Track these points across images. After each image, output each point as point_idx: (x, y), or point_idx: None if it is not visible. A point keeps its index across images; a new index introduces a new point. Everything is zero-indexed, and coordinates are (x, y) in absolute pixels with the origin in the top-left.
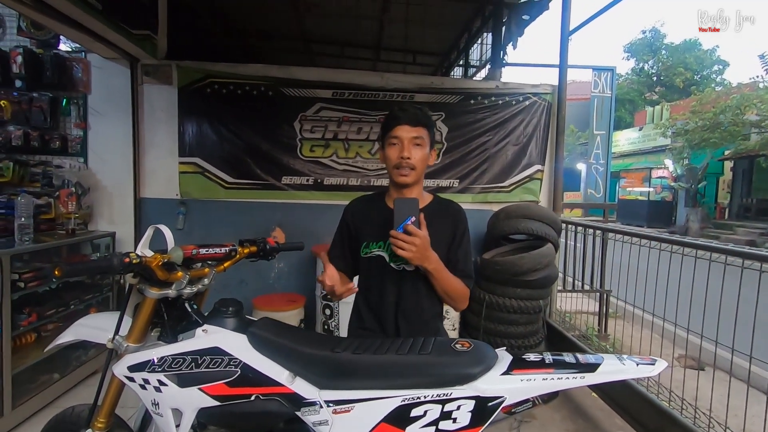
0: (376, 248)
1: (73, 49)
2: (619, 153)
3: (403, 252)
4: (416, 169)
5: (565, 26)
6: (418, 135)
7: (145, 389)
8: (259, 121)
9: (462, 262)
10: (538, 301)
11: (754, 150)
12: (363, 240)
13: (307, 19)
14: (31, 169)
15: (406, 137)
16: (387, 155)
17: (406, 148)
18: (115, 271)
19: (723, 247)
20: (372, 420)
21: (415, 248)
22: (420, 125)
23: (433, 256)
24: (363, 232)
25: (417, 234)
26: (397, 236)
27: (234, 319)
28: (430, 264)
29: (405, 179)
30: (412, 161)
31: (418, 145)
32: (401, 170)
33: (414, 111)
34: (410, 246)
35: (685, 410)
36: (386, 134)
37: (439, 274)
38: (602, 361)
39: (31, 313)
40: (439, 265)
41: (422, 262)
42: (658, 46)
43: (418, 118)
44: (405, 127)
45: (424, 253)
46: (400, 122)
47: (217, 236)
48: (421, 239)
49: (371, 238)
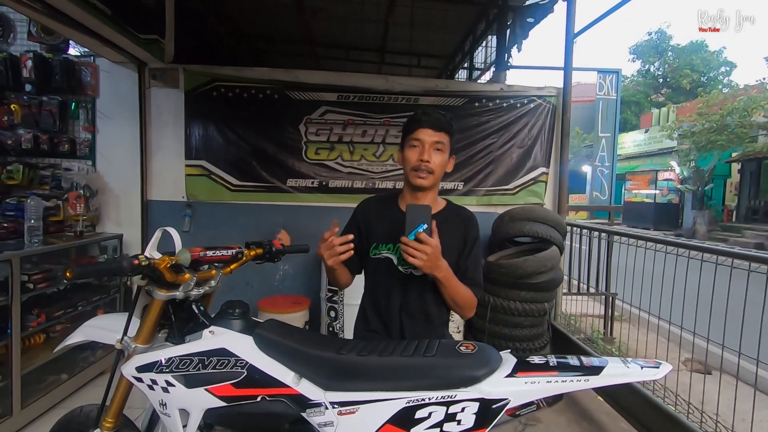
0: (386, 250)
1: (81, 53)
2: (625, 155)
3: (414, 260)
4: (434, 174)
5: (570, 28)
6: (439, 140)
7: (153, 390)
8: (264, 124)
9: (471, 270)
10: (543, 304)
11: (762, 152)
12: (373, 240)
13: (312, 23)
14: (40, 172)
15: (428, 141)
16: (406, 157)
17: (426, 151)
18: (124, 272)
19: (729, 251)
20: (377, 421)
21: (426, 257)
22: (442, 131)
23: (444, 264)
24: (373, 233)
25: (428, 243)
26: (408, 243)
27: (240, 320)
28: (440, 272)
29: (422, 182)
30: (431, 165)
31: (438, 150)
32: (419, 173)
33: (437, 116)
34: (421, 254)
35: (691, 414)
36: (407, 136)
37: (448, 282)
38: (607, 364)
39: (40, 314)
40: (449, 273)
41: (432, 270)
42: (664, 48)
43: (441, 123)
44: (427, 131)
45: (435, 261)
46: (423, 125)
47: (223, 238)
48: (433, 248)
49: (381, 239)
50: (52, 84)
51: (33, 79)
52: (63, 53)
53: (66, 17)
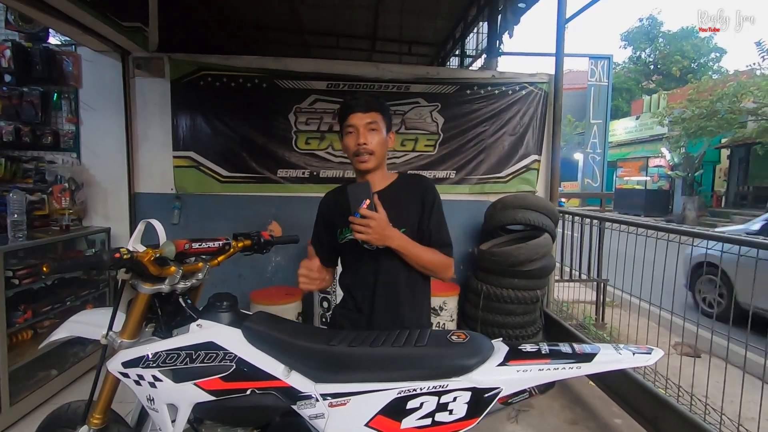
0: (348, 233)
1: (62, 42)
2: (616, 142)
3: (362, 236)
4: (375, 154)
5: (562, 14)
6: (372, 120)
7: (140, 385)
8: (253, 113)
9: (435, 232)
10: (536, 291)
11: (751, 138)
12: (337, 228)
13: (301, 9)
14: (23, 165)
15: (361, 124)
16: (346, 144)
17: (362, 134)
18: (105, 266)
19: (719, 235)
20: (368, 413)
21: (371, 230)
22: (372, 110)
23: (395, 233)
24: (336, 221)
25: (371, 216)
26: (354, 221)
27: (228, 313)
28: (393, 242)
29: (365, 165)
30: (369, 146)
31: (373, 130)
32: (360, 157)
33: (365, 98)
34: (366, 228)
35: (681, 397)
36: (342, 124)
37: (407, 249)
38: (599, 351)
39: (26, 310)
40: (403, 241)
41: (384, 241)
42: (655, 34)
43: (370, 103)
44: (358, 115)
45: (382, 233)
46: (354, 110)
47: (213, 230)
48: (377, 220)
49: (343, 224)
50: (32, 74)
51: (12, 70)
52: (43, 42)
53: (44, 4)
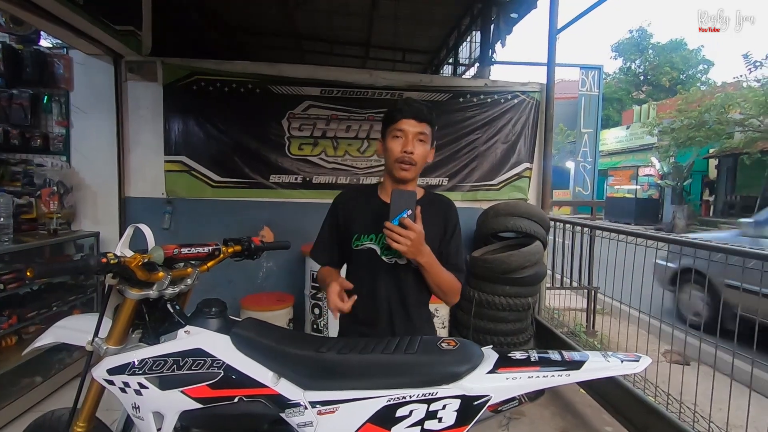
0: (368, 240)
1: (54, 44)
2: (607, 151)
3: (398, 245)
4: (417, 165)
5: (553, 24)
6: (422, 131)
7: (125, 392)
8: (246, 118)
9: (453, 255)
10: (527, 299)
11: (738, 148)
12: (354, 232)
13: (296, 15)
14: (11, 168)
15: (411, 132)
16: (389, 147)
17: (410, 142)
18: (91, 271)
19: (707, 244)
20: (357, 421)
21: (410, 242)
22: (425, 121)
23: (427, 249)
24: (354, 224)
25: (413, 228)
26: (393, 228)
27: (217, 319)
28: (423, 258)
29: (406, 174)
30: (415, 156)
31: (421, 141)
32: (403, 164)
33: (420, 106)
34: (405, 239)
35: (670, 405)
36: (389, 126)
37: (432, 267)
38: (587, 359)
39: (11, 315)
40: (432, 259)
41: (416, 255)
42: (645, 46)
43: (424, 114)
44: (410, 121)
45: (418, 247)
46: (406, 116)
47: (205, 235)
48: (417, 233)
49: (363, 230)
50: (22, 76)
51: (2, 72)
52: (34, 44)
53: (35, 6)
